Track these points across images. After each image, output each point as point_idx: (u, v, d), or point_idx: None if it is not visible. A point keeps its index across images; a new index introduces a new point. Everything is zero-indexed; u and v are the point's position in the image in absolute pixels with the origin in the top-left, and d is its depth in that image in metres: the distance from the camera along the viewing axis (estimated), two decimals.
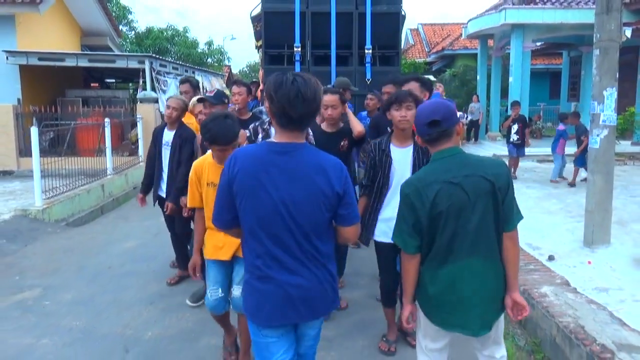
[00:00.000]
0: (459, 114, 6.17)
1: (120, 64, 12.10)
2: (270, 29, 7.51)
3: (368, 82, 7.32)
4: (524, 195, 8.08)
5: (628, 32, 7.00)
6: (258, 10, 8.05)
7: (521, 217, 2.27)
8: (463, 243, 2.18)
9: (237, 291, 3.04)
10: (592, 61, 5.33)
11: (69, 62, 11.77)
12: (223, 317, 3.31)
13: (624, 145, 12.44)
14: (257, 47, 8.86)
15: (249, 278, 2.14)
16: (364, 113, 6.09)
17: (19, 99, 11.77)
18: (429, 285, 2.28)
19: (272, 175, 2.01)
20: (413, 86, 3.94)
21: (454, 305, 2.24)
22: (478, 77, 16.42)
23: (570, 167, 9.46)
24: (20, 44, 11.94)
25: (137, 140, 11.61)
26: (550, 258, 5.10)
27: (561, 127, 9.44)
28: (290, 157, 2.03)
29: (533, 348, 3.65)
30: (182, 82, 5.58)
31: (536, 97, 19.24)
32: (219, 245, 3.07)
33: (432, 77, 7.96)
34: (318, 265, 2.09)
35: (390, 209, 3.26)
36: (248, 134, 3.89)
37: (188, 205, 3.24)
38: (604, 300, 3.92)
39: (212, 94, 4.37)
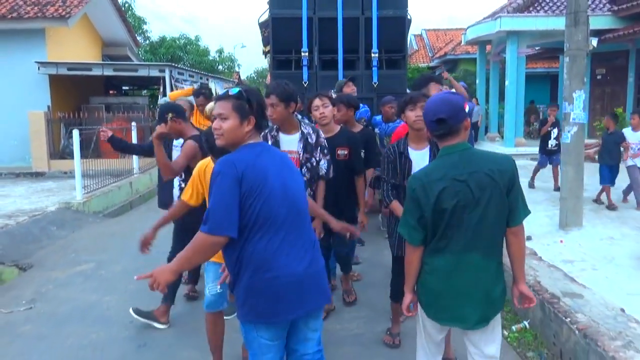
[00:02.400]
0: (471, 105, 6.23)
1: (142, 72, 13.06)
2: (278, 34, 7.62)
3: (375, 86, 7.47)
4: None
5: (594, 42, 7.59)
6: (266, 16, 8.18)
7: (528, 213, 2.28)
8: (464, 237, 2.20)
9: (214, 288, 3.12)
10: (565, 67, 6.13)
11: (96, 72, 12.75)
12: (217, 327, 3.26)
13: None
14: (265, 53, 9.04)
15: (255, 277, 2.11)
16: (379, 117, 6.22)
17: (48, 106, 12.73)
18: (428, 276, 2.32)
19: (270, 166, 2.17)
20: (434, 88, 3.81)
21: (450, 298, 2.26)
22: (477, 81, 17.22)
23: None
24: (50, 55, 12.90)
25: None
26: (528, 238, 5.84)
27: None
28: (273, 150, 2.36)
29: None
30: (196, 95, 5.75)
31: (538, 100, 20.02)
32: None
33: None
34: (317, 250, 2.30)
35: None
36: None
37: (182, 198, 3.24)
38: (567, 269, 4.69)
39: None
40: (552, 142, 8.98)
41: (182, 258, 2.10)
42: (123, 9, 18.55)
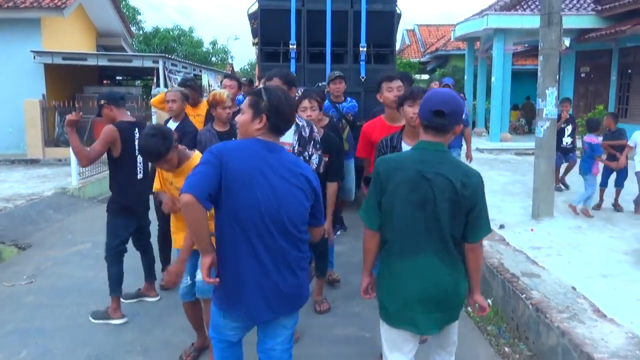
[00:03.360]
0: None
1: (136, 63, 13.28)
2: (267, 26, 7.54)
3: (362, 80, 7.41)
4: (493, 180, 9.24)
5: (567, 42, 7.84)
6: (255, 7, 8.05)
7: (488, 231, 2.25)
8: (420, 238, 2.17)
9: (198, 275, 3.17)
10: (539, 65, 6.47)
11: (91, 62, 12.96)
12: (195, 314, 3.42)
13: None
14: (255, 44, 8.78)
15: (222, 268, 2.21)
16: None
17: (43, 95, 12.90)
18: (384, 278, 2.31)
19: (262, 169, 2.14)
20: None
21: (404, 301, 2.23)
22: (465, 77, 17.58)
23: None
24: (45, 45, 13.08)
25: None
26: (501, 227, 6.22)
27: (593, 139, 7.07)
28: (276, 153, 2.22)
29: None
30: (182, 85, 5.54)
31: (530, 96, 20.37)
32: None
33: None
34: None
35: None
36: None
37: (154, 189, 3.44)
38: (534, 255, 5.04)
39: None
40: (566, 140, 8.46)
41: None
42: None
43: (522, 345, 3.73)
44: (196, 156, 3.19)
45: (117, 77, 18.50)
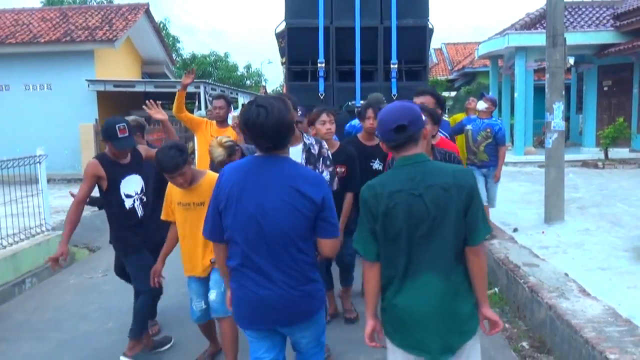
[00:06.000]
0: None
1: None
2: (294, 45, 7.42)
3: (394, 98, 7.12)
4: (513, 191, 9.79)
5: (571, 60, 8.35)
6: (282, 27, 7.92)
7: (489, 231, 2.16)
8: (420, 258, 2.08)
9: (212, 294, 3.29)
10: (546, 82, 7.10)
11: (139, 88, 14.21)
12: (209, 328, 3.63)
13: (622, 153, 13.78)
14: (283, 64, 8.76)
15: (232, 284, 2.32)
16: (355, 122, 5.60)
17: (96, 119, 14.17)
18: (386, 303, 2.19)
19: (249, 185, 2.19)
20: (428, 100, 4.01)
21: (412, 324, 2.11)
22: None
23: None
24: (98, 74, 14.41)
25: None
26: (515, 230, 6.77)
27: None
28: (270, 168, 2.21)
29: None
30: (216, 97, 5.76)
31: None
32: (196, 264, 3.36)
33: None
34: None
35: None
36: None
37: (162, 218, 3.45)
38: (541, 253, 5.61)
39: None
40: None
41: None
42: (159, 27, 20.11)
43: (520, 322, 4.37)
44: (209, 175, 3.33)
45: (160, 102, 19.77)
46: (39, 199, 6.51)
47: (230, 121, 5.81)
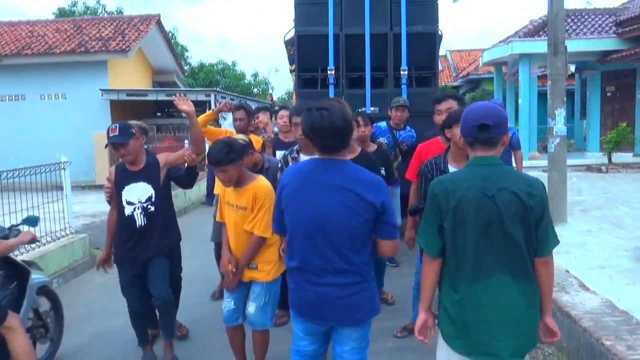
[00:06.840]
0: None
1: (191, 97, 14.64)
2: (304, 52, 7.43)
3: None
4: None
5: (572, 68, 8.53)
6: (291, 34, 7.92)
7: (557, 243, 2.13)
8: (491, 259, 2.05)
9: (251, 307, 3.27)
10: (548, 89, 7.37)
11: (151, 97, 14.56)
12: (236, 336, 3.45)
13: (625, 157, 13.95)
14: (292, 71, 8.71)
15: (290, 282, 2.43)
16: (384, 124, 5.88)
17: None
18: (450, 305, 2.15)
19: (310, 186, 2.27)
20: (451, 104, 3.94)
21: (479, 328, 2.08)
22: (495, 99, 18.41)
23: None
24: (111, 83, 14.78)
25: (204, 158, 14.17)
26: None
27: None
28: (331, 171, 2.26)
29: None
30: (237, 108, 5.62)
31: None
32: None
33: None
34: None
35: None
36: (280, 164, 3.84)
37: (217, 219, 3.51)
38: None
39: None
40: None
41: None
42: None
43: None
44: (259, 180, 3.29)
45: (170, 110, 20.17)
46: (63, 203, 6.81)
47: (228, 126, 5.88)
